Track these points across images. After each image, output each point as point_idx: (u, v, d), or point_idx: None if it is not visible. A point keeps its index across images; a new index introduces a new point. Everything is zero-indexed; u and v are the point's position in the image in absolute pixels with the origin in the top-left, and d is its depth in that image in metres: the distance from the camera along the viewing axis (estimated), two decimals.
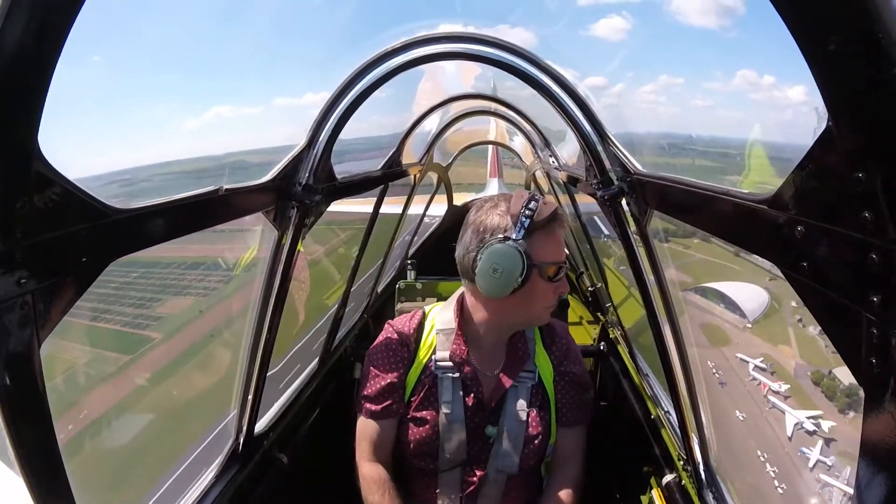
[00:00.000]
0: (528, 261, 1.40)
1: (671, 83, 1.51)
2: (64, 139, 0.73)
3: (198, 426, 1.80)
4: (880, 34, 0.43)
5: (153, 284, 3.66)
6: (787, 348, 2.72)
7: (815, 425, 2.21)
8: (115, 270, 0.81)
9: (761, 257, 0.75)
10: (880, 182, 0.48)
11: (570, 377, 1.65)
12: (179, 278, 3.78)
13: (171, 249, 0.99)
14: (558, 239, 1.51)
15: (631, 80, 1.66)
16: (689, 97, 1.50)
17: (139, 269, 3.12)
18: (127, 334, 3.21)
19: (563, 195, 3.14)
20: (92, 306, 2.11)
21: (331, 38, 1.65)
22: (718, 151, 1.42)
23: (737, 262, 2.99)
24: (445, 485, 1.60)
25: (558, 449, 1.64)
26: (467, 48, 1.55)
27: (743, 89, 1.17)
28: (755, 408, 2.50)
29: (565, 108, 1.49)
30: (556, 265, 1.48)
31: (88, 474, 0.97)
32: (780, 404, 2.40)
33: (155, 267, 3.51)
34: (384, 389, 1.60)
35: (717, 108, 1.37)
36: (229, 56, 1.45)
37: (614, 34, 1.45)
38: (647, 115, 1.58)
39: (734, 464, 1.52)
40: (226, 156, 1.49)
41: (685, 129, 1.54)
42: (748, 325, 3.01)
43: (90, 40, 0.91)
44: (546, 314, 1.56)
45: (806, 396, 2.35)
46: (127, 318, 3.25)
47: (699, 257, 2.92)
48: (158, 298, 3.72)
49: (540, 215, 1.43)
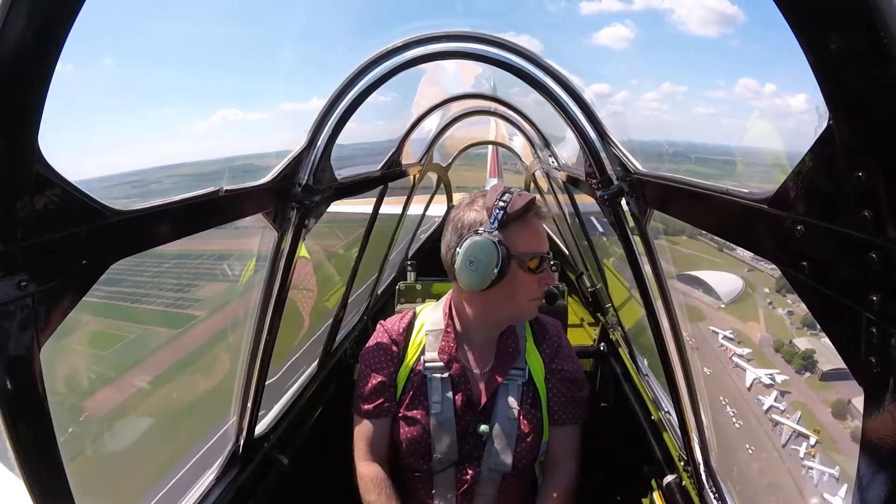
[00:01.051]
0: (506, 252, 1.41)
1: (674, 91, 1.52)
2: (71, 140, 0.74)
3: (198, 428, 1.80)
4: (881, 34, 0.43)
5: (156, 282, 3.67)
6: (755, 324, 3.17)
7: (771, 379, 2.53)
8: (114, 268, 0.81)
9: (761, 257, 0.75)
10: (880, 181, 0.48)
11: (561, 374, 1.63)
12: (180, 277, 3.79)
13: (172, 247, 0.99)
14: (536, 229, 1.50)
15: (634, 87, 1.66)
16: (692, 105, 1.51)
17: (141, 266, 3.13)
18: (127, 334, 3.21)
19: (562, 195, 3.14)
20: (91, 307, 2.11)
21: (331, 38, 1.66)
22: (720, 159, 1.42)
23: (720, 256, 3.50)
24: (440, 484, 1.60)
25: (552, 448, 1.62)
26: (467, 47, 1.55)
27: (745, 97, 1.18)
28: (720, 366, 2.94)
29: (565, 108, 1.49)
30: (535, 256, 1.48)
31: (89, 476, 0.97)
32: (741, 363, 2.85)
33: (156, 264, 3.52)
34: (376, 389, 1.61)
35: (720, 116, 1.37)
36: (233, 56, 1.46)
37: (616, 42, 1.46)
38: (649, 122, 1.59)
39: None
40: (234, 158, 1.50)
41: (688, 136, 1.55)
42: (722, 306, 3.54)
43: (98, 40, 0.92)
44: (532, 307, 1.56)
45: (766, 360, 2.76)
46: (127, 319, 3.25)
47: (686, 252, 3.29)
48: (159, 297, 3.73)
49: (514, 206, 1.44)
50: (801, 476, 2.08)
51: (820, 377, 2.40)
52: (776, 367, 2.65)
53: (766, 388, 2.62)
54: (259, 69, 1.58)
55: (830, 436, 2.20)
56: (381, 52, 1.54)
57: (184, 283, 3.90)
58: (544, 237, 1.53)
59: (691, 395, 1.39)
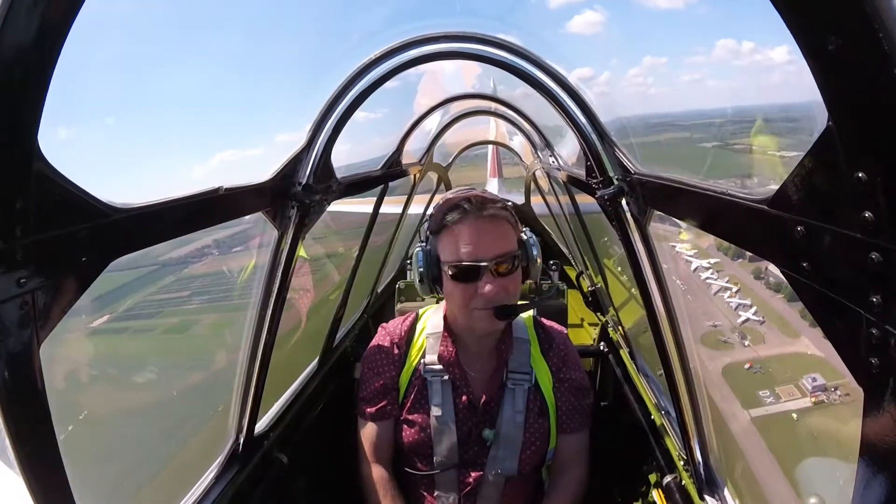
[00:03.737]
0: (435, 260, 1.41)
1: (656, 63, 1.49)
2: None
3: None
4: (880, 34, 0.43)
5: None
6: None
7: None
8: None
9: (761, 257, 0.75)
10: (880, 182, 0.48)
11: (569, 383, 1.63)
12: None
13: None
14: (460, 234, 1.38)
15: (615, 67, 1.64)
16: (674, 75, 1.48)
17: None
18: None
19: (563, 195, 3.14)
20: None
21: (330, 39, 1.66)
22: (715, 122, 1.39)
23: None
24: (442, 486, 1.60)
25: (561, 454, 1.63)
26: (467, 47, 1.55)
27: (725, 59, 1.17)
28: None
29: (565, 108, 1.49)
30: (453, 264, 1.38)
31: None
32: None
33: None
34: (378, 391, 1.61)
35: (705, 80, 1.35)
36: (230, 90, 1.49)
37: (589, 28, 1.46)
38: (636, 98, 1.56)
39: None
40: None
41: (679, 106, 1.53)
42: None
43: (101, 101, 0.95)
44: (477, 318, 1.43)
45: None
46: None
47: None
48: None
49: (440, 211, 1.43)
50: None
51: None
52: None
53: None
54: (255, 103, 1.60)
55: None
56: (381, 52, 1.54)
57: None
58: (480, 241, 1.38)
59: (691, 395, 1.39)
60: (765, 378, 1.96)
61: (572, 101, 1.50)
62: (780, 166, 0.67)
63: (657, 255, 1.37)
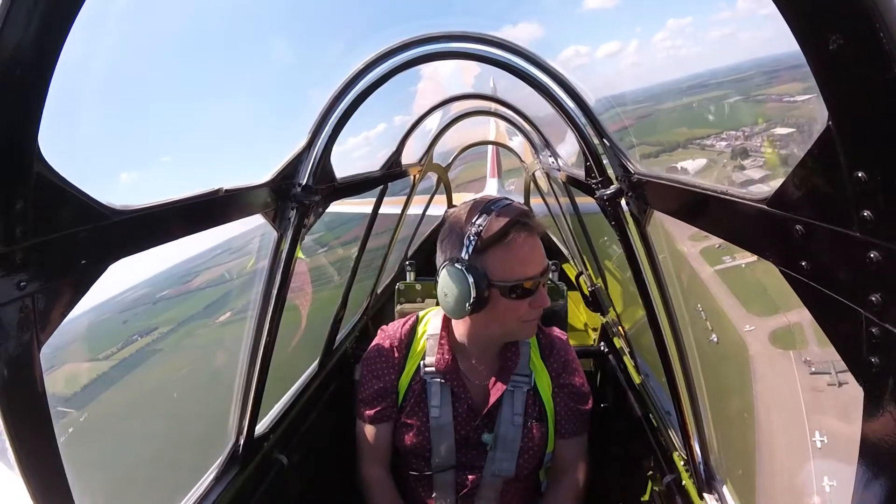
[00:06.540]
0: (484, 281, 1.33)
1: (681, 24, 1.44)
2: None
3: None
4: (881, 34, 0.43)
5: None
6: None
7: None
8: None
9: (761, 257, 0.75)
10: (880, 182, 0.48)
11: (568, 389, 1.63)
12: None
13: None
14: (518, 253, 1.36)
15: (641, 34, 1.60)
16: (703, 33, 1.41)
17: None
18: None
19: (563, 195, 3.14)
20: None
21: (330, 39, 1.66)
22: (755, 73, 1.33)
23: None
24: (440, 487, 1.60)
25: (558, 459, 1.62)
26: (467, 47, 1.55)
27: (752, 9, 1.13)
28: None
29: (565, 108, 1.49)
30: (518, 283, 1.36)
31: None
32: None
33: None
34: (377, 394, 1.61)
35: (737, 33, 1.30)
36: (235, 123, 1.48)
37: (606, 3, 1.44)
38: (667, 62, 1.52)
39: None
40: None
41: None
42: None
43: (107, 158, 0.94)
44: (526, 328, 1.47)
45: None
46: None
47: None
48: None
49: (489, 230, 1.34)
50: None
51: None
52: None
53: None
54: (255, 102, 1.59)
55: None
56: (381, 52, 1.54)
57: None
58: (533, 257, 1.39)
59: (691, 394, 1.39)
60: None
61: (572, 100, 1.50)
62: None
63: (657, 255, 1.37)
